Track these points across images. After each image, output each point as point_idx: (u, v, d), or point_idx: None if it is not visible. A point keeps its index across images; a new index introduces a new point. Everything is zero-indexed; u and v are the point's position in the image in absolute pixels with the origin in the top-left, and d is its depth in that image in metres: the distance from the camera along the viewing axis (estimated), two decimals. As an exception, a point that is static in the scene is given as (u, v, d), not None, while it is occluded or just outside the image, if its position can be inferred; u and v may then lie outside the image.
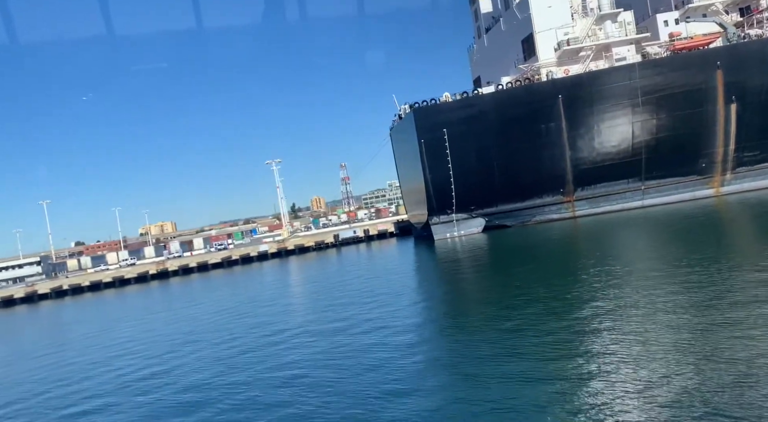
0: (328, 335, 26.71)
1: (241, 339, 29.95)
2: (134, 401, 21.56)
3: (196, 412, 18.89)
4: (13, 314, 79.61)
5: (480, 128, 62.21)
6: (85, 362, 31.34)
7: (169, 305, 57.85)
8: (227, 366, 24.40)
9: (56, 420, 20.95)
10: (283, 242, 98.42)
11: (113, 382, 25.23)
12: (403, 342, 23.20)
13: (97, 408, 21.67)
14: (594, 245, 45.89)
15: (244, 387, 20.82)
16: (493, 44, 78.53)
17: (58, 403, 23.26)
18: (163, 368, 26.30)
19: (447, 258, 53.83)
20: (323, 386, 19.20)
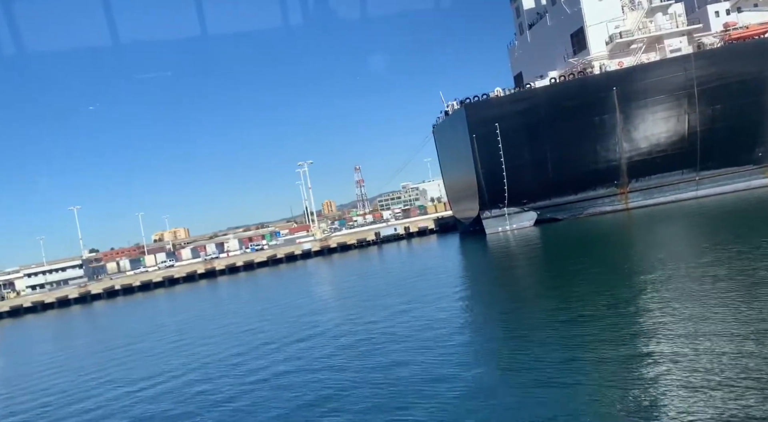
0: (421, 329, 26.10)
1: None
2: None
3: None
4: (87, 312, 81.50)
5: (533, 121, 62.82)
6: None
7: (249, 297, 59.12)
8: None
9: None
10: (325, 240, 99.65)
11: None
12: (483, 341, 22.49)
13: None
14: (656, 237, 45.32)
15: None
16: (537, 40, 79.04)
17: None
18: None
19: (506, 253, 53.91)
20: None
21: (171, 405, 21.19)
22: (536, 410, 14.38)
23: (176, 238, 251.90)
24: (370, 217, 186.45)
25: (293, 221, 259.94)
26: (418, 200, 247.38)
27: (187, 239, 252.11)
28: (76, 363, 35.05)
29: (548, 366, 17.21)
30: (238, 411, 18.98)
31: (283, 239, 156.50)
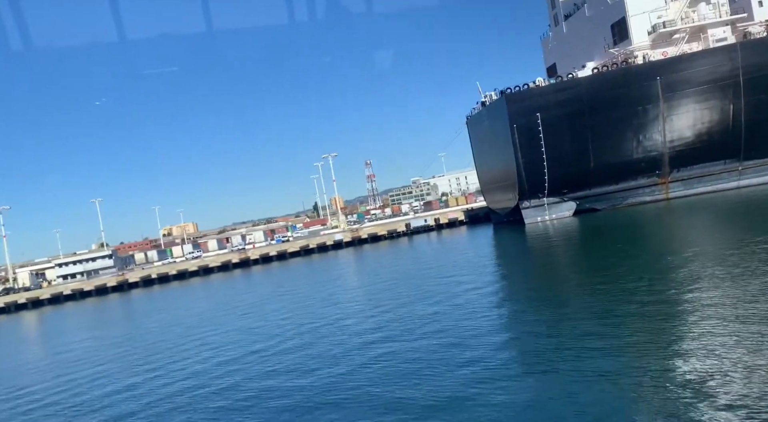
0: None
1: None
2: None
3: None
4: (127, 300, 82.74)
5: (575, 111, 63.07)
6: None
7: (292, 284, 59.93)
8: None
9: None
10: (356, 231, 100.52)
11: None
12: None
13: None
14: (702, 228, 44.95)
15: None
16: (574, 31, 79.09)
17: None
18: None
19: (548, 243, 53.41)
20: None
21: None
22: (575, 404, 14.02)
23: (185, 232, 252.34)
24: (389, 210, 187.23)
25: (305, 215, 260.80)
26: (429, 195, 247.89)
27: (196, 233, 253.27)
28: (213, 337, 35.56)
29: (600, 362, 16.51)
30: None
31: (307, 231, 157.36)
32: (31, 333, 64.27)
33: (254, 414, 17.73)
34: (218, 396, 20.33)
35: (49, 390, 26.89)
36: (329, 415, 16.34)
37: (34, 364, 36.55)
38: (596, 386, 14.85)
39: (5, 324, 77.04)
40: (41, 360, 38.15)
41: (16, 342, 54.62)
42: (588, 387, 14.88)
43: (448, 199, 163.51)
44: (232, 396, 20.02)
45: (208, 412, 18.69)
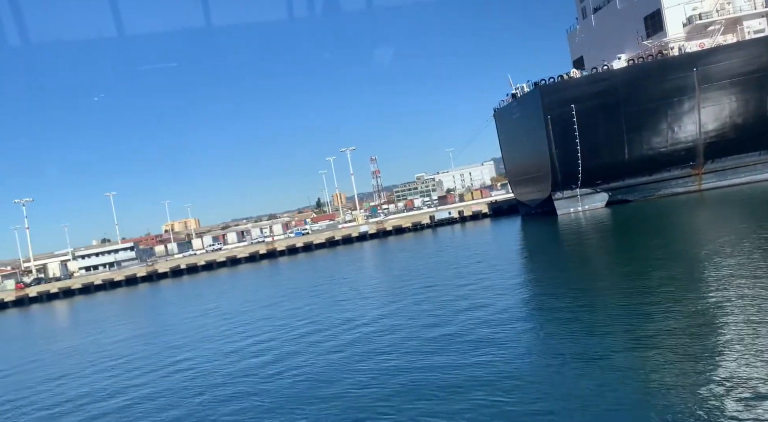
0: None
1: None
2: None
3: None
4: (155, 290, 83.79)
5: (610, 102, 63.55)
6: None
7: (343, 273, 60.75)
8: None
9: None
10: (381, 223, 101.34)
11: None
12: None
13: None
14: (740, 219, 44.07)
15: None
16: (604, 24, 79.44)
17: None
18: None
19: (584, 235, 52.99)
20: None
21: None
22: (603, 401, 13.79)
23: (186, 228, 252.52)
24: (402, 205, 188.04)
25: (311, 211, 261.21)
26: (435, 191, 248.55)
27: (198, 229, 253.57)
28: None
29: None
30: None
31: (325, 224, 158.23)
32: (92, 318, 64.83)
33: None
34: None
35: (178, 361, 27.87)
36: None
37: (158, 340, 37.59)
38: (632, 379, 14.62)
39: (45, 312, 78.20)
40: (152, 338, 39.13)
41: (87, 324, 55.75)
42: (623, 382, 14.57)
43: (472, 192, 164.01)
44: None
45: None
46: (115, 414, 19.98)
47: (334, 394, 17.56)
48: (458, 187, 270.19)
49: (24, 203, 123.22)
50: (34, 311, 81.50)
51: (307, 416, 16.28)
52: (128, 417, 19.29)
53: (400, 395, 16.47)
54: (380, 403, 16.14)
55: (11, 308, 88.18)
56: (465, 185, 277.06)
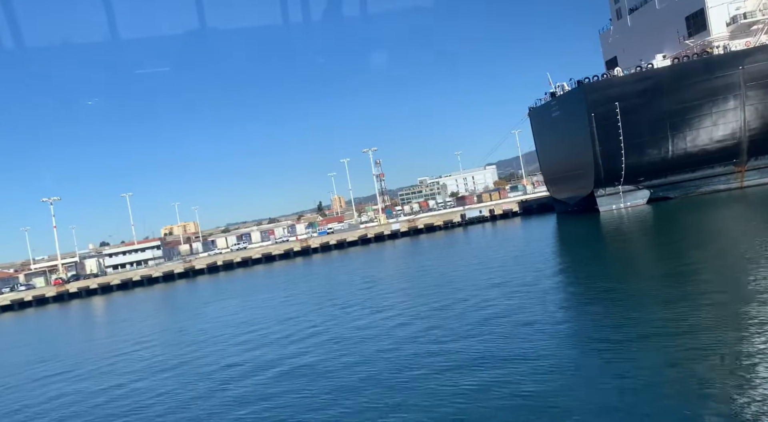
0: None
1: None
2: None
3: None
4: (214, 282, 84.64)
5: (654, 100, 64.61)
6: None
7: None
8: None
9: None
10: (413, 222, 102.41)
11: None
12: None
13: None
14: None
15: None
16: (641, 24, 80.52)
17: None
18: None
19: (635, 232, 52.70)
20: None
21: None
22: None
23: (186, 232, 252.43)
24: (417, 206, 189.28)
25: (317, 214, 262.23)
26: (439, 195, 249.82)
27: (197, 233, 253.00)
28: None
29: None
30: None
31: (347, 224, 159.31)
32: (143, 311, 65.96)
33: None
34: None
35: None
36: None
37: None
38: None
39: (87, 307, 79.34)
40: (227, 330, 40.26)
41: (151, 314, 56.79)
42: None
43: (491, 194, 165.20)
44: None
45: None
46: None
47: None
48: (461, 190, 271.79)
49: (51, 202, 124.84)
50: (84, 306, 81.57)
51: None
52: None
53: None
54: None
55: (52, 304, 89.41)
56: (468, 188, 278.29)
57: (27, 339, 53.88)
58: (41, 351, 40.39)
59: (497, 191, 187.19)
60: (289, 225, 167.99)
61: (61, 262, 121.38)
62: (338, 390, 18.47)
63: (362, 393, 17.70)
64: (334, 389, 18.60)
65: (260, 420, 17.11)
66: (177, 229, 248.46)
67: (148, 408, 20.45)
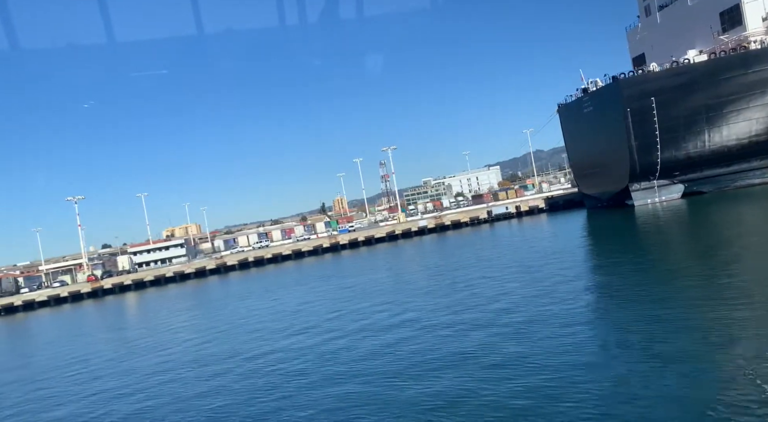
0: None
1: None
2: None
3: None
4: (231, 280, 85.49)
5: (691, 95, 65.31)
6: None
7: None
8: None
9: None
10: (440, 218, 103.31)
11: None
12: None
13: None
14: None
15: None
16: (671, 20, 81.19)
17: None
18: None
19: (678, 227, 52.58)
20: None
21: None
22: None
23: (188, 234, 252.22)
24: (431, 205, 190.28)
25: (324, 213, 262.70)
26: (445, 195, 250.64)
27: (199, 234, 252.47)
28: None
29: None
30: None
31: (366, 222, 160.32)
32: (192, 305, 66.75)
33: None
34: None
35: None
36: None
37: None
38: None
39: (123, 303, 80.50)
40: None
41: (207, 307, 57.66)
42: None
43: (507, 192, 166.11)
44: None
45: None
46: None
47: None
48: (465, 190, 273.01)
49: (76, 200, 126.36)
50: (128, 301, 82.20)
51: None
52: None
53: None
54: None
55: (86, 300, 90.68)
56: (472, 189, 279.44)
57: (129, 323, 54.18)
58: (163, 337, 39.35)
59: (513, 189, 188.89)
60: (307, 224, 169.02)
61: (69, 262, 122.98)
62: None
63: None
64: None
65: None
66: (179, 231, 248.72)
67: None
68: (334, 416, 16.65)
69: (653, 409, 13.22)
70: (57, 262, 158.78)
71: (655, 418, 12.85)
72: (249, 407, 18.88)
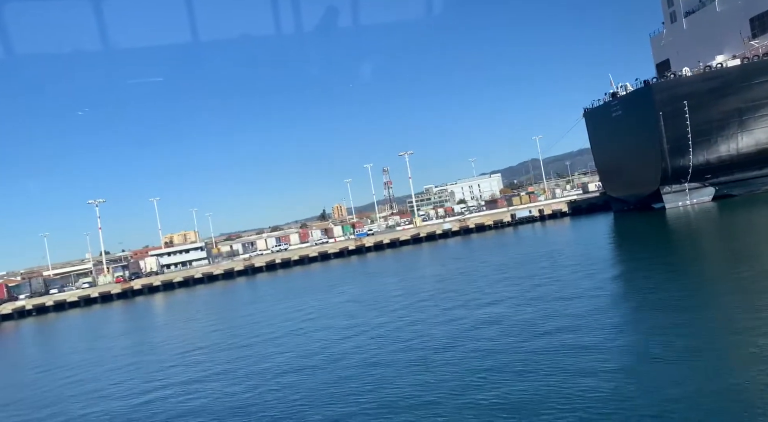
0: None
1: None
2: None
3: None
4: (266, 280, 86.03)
5: (723, 99, 66.37)
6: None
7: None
8: None
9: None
10: (464, 221, 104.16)
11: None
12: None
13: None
14: None
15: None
16: (698, 26, 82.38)
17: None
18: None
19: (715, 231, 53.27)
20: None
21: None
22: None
23: (186, 240, 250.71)
24: (442, 210, 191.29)
25: (321, 219, 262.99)
26: (448, 202, 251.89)
27: (197, 241, 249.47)
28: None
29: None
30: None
31: (384, 225, 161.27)
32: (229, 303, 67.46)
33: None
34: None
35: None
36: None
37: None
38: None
39: (159, 303, 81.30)
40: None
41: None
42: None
43: (521, 197, 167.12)
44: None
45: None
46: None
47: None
48: (467, 198, 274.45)
49: (97, 203, 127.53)
50: (160, 301, 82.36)
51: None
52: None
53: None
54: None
55: (116, 301, 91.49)
56: (474, 196, 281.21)
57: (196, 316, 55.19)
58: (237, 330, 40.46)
59: (526, 195, 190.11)
60: (323, 228, 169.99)
61: (78, 267, 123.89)
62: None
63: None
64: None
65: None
66: (177, 238, 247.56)
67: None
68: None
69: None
70: (64, 267, 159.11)
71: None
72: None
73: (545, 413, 15.15)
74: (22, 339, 70.88)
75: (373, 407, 17.98)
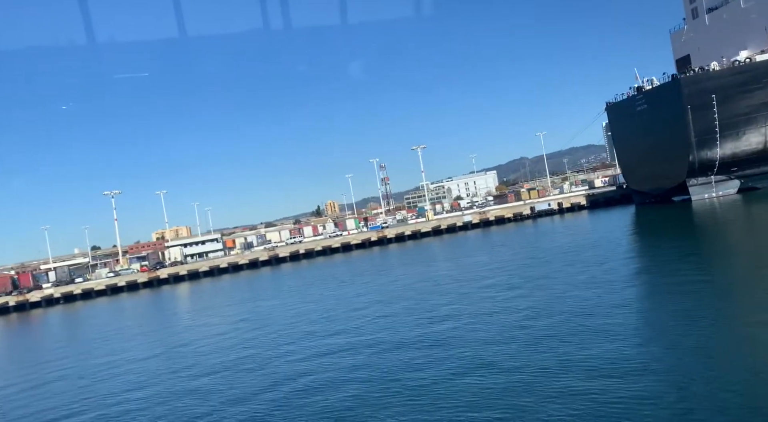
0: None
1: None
2: None
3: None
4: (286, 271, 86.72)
5: (752, 92, 67.77)
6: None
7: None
8: None
9: None
10: (484, 214, 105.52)
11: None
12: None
13: None
14: None
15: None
16: (721, 22, 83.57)
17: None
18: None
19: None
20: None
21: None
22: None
23: (178, 236, 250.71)
24: (449, 206, 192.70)
25: (316, 215, 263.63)
26: (445, 198, 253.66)
27: (190, 237, 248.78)
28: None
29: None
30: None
31: (395, 219, 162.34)
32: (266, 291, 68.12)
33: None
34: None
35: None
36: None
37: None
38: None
39: (186, 291, 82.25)
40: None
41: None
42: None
43: (530, 192, 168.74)
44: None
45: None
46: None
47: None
48: (463, 194, 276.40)
49: (113, 195, 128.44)
50: (188, 289, 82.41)
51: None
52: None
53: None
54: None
55: (143, 289, 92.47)
56: (470, 192, 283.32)
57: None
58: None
59: (536, 190, 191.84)
60: (335, 222, 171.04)
61: (80, 259, 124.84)
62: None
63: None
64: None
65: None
66: (168, 233, 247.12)
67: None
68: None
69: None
70: (55, 262, 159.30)
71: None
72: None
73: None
74: (83, 321, 66.77)
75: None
